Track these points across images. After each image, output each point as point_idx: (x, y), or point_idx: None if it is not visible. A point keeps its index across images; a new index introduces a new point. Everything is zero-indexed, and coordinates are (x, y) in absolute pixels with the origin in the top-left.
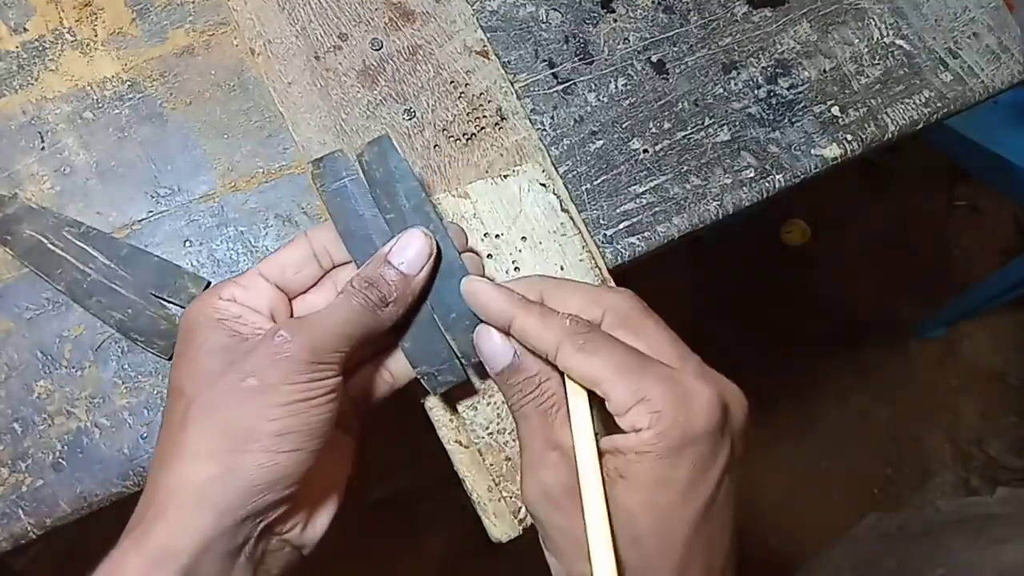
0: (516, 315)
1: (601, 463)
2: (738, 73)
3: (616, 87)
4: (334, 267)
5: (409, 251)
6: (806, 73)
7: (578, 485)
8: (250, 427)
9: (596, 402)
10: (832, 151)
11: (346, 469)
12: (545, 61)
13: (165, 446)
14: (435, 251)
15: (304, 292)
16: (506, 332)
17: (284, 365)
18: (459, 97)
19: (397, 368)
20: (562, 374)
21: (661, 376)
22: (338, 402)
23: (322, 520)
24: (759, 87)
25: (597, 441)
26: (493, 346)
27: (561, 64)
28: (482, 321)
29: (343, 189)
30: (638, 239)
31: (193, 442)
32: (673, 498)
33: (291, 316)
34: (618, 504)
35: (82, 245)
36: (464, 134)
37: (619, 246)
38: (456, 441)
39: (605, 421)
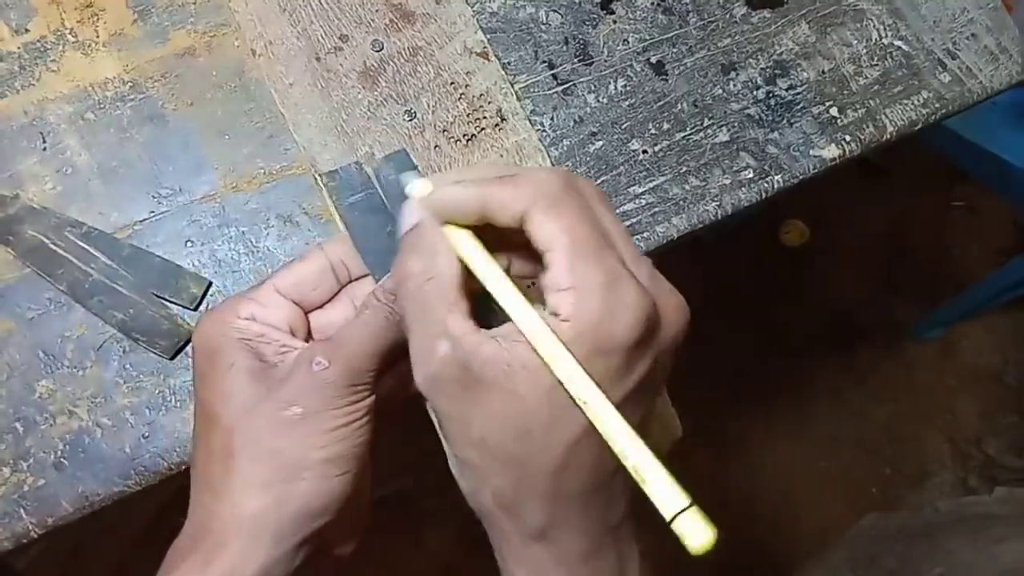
0: (481, 189)
1: (505, 341)
2: (737, 74)
3: (616, 88)
4: (351, 281)
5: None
6: (805, 74)
7: (475, 371)
8: (299, 457)
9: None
10: (831, 152)
11: (369, 476)
12: (545, 62)
13: (212, 475)
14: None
15: (320, 307)
16: (479, 217)
17: (325, 392)
18: (459, 98)
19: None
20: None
21: (606, 269)
22: (374, 418)
23: (358, 529)
24: (758, 88)
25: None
26: (407, 215)
27: (561, 65)
28: None
29: (360, 203)
30: (638, 239)
31: (244, 473)
32: (569, 400)
33: (308, 331)
34: (516, 390)
35: (84, 245)
36: (464, 135)
37: None
38: None
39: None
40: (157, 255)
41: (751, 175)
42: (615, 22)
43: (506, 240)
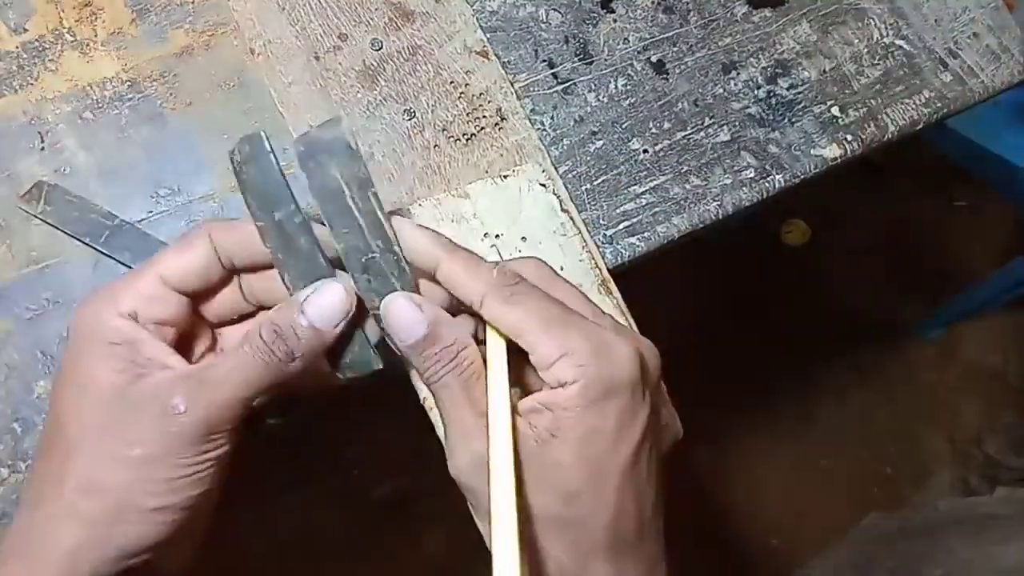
0: (443, 259)
1: (524, 421)
2: (738, 73)
3: (616, 87)
4: (239, 271)
5: (325, 305)
6: (806, 73)
7: (486, 439)
8: (129, 500)
9: (515, 360)
10: (832, 151)
11: (216, 496)
12: (545, 61)
13: (43, 487)
14: (353, 308)
15: (212, 294)
16: (431, 277)
17: (173, 439)
18: (459, 97)
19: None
20: (480, 342)
21: (583, 329)
22: (225, 468)
23: (191, 550)
24: (759, 87)
25: (514, 402)
26: (405, 317)
27: (561, 64)
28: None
29: (265, 177)
30: (638, 239)
31: (70, 501)
32: (603, 447)
33: (195, 319)
34: (553, 462)
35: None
36: (464, 134)
37: (619, 246)
38: None
39: (522, 380)
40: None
41: (752, 175)
42: (615, 21)
43: None
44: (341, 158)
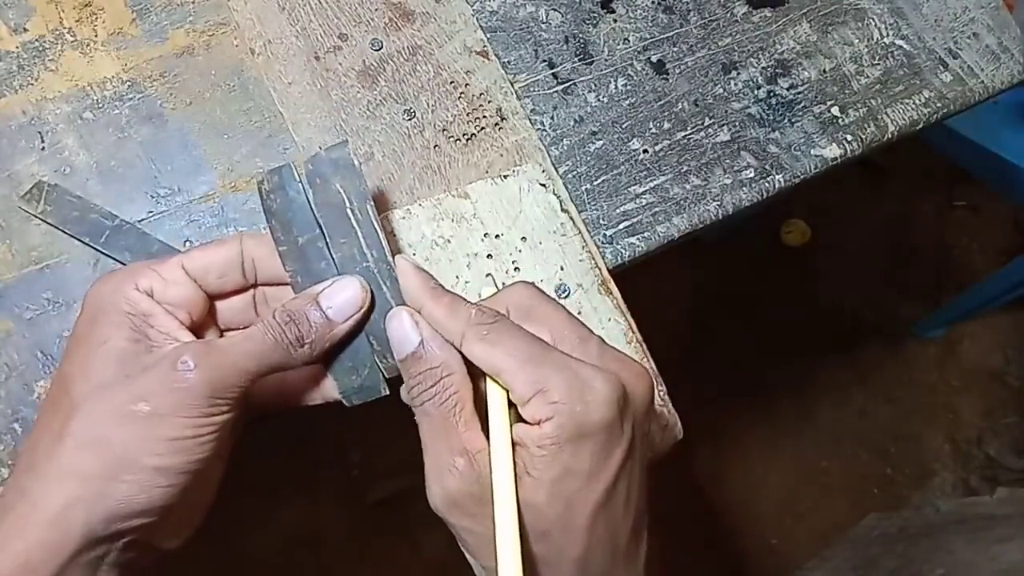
0: (426, 302)
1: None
2: (738, 73)
3: (616, 87)
4: (257, 285)
5: (339, 297)
6: (806, 73)
7: (491, 488)
8: (130, 456)
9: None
10: (832, 151)
11: (218, 474)
12: (545, 61)
13: (38, 447)
14: (368, 304)
15: (225, 297)
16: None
17: (180, 396)
18: (459, 97)
19: (328, 381)
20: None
21: (560, 366)
22: (228, 436)
23: (189, 526)
24: (759, 87)
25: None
26: (401, 330)
27: (561, 64)
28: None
29: (290, 207)
30: (638, 239)
31: (67, 458)
32: (575, 487)
33: (209, 316)
34: (526, 501)
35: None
36: (464, 134)
37: (619, 246)
38: None
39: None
40: (164, 242)
41: (752, 175)
42: (615, 21)
43: None
44: (345, 174)
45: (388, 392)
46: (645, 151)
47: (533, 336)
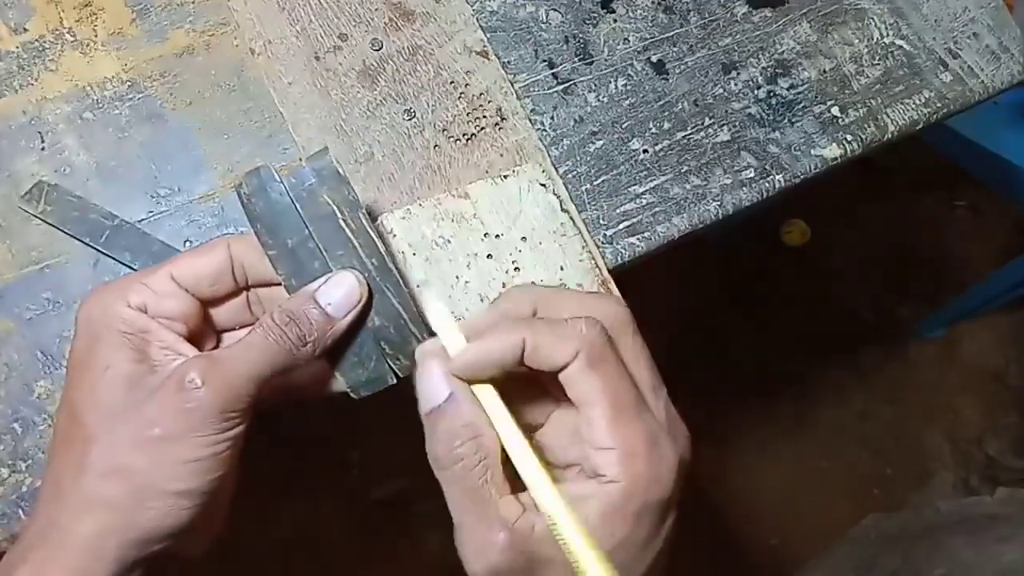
0: (526, 335)
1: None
2: (738, 73)
3: (616, 87)
4: (249, 287)
5: (337, 293)
6: (806, 73)
7: (544, 550)
8: (152, 483)
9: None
10: (832, 151)
11: (234, 480)
12: (545, 61)
13: (62, 481)
14: (366, 297)
15: (219, 303)
16: (518, 363)
17: (192, 417)
18: (459, 97)
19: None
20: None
21: (647, 433)
22: (239, 452)
23: (211, 534)
24: (759, 87)
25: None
26: (429, 382)
27: (561, 64)
28: (409, 334)
29: (273, 207)
30: (638, 239)
31: (91, 488)
32: (628, 556)
33: (206, 324)
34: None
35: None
36: (464, 134)
37: (619, 246)
38: None
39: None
40: (164, 242)
41: (752, 175)
42: (615, 21)
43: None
44: (330, 184)
45: (396, 381)
46: (645, 151)
47: (631, 379)
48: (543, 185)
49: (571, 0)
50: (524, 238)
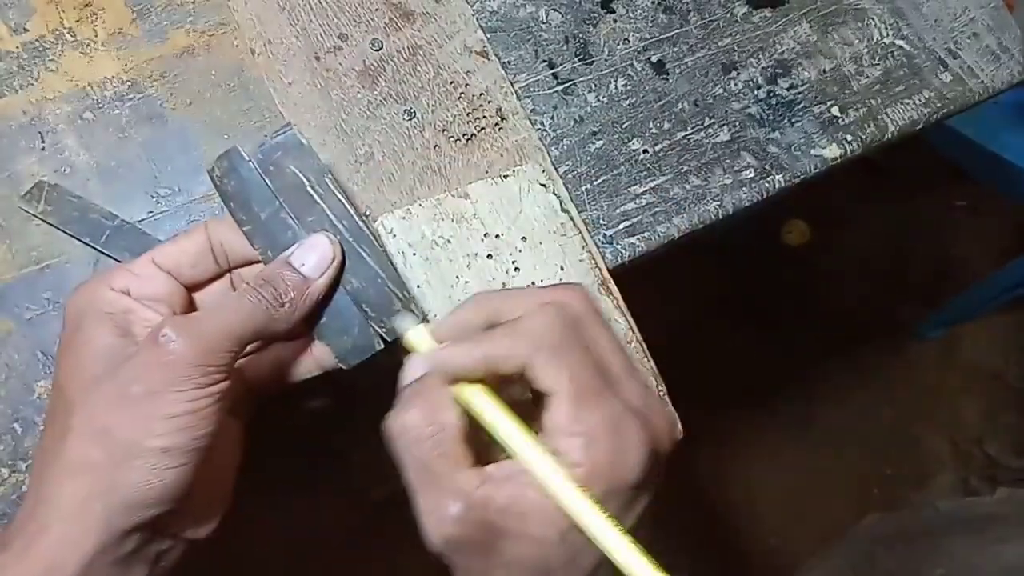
0: (486, 352)
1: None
2: (738, 73)
3: (616, 87)
4: (231, 268)
5: (311, 255)
6: (806, 73)
7: (499, 519)
8: (133, 441)
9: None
10: (832, 151)
11: (235, 458)
12: (545, 61)
13: (46, 452)
14: (340, 257)
15: (203, 286)
16: (492, 380)
17: (170, 369)
18: (459, 97)
19: (321, 348)
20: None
21: (611, 415)
22: (227, 405)
23: (213, 512)
24: (759, 87)
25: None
26: (403, 371)
27: (561, 64)
28: (395, 295)
29: (245, 185)
30: (638, 239)
31: (73, 454)
32: (586, 539)
33: (189, 306)
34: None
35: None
36: (464, 134)
37: (619, 246)
38: None
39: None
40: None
41: (752, 175)
42: (615, 21)
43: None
44: (295, 154)
45: (383, 347)
46: (645, 151)
47: (597, 364)
48: (543, 185)
49: (571, 0)
50: (524, 238)
